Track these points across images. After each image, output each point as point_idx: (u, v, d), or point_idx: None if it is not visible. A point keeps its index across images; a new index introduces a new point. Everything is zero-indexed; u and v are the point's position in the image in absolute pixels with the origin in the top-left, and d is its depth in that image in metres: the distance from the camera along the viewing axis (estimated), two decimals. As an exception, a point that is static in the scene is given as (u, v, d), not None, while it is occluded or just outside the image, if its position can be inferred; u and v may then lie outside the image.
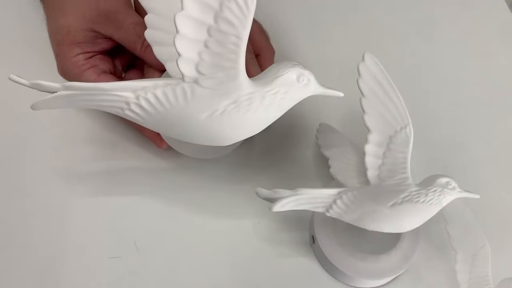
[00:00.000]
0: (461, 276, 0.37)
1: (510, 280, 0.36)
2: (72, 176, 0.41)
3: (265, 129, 0.33)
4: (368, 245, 0.38)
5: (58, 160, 0.42)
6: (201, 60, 0.29)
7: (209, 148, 0.36)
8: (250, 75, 0.32)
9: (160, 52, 0.34)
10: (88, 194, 0.40)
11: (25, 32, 0.46)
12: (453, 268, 0.39)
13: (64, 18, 0.38)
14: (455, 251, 0.38)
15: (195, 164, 0.42)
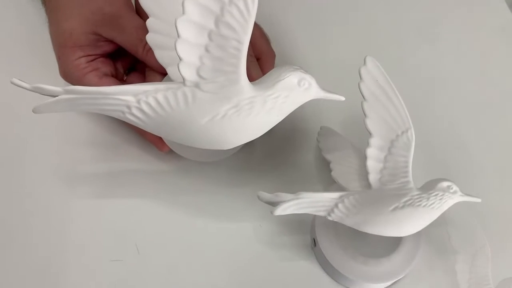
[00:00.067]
0: (461, 276, 0.37)
1: (510, 280, 0.36)
2: (74, 179, 0.41)
3: (266, 132, 0.33)
4: (369, 249, 0.38)
5: (60, 162, 0.42)
6: (202, 65, 0.29)
7: (210, 152, 0.35)
8: (251, 78, 0.32)
9: (161, 56, 0.34)
10: (90, 196, 0.40)
11: (27, 35, 0.46)
12: (454, 272, 0.39)
13: (67, 21, 0.38)
14: (455, 251, 0.38)
15: (196, 167, 0.42)
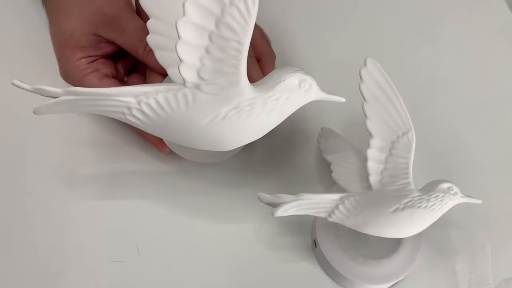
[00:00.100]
0: (461, 276, 0.37)
1: (510, 280, 0.36)
2: (74, 179, 0.41)
3: (266, 133, 0.33)
4: (370, 250, 0.38)
5: (60, 163, 0.42)
6: (203, 66, 0.29)
7: (211, 153, 0.36)
8: (251, 79, 0.32)
9: (162, 57, 0.34)
10: (90, 197, 0.40)
11: (27, 36, 0.46)
12: (454, 272, 0.39)
13: (67, 22, 0.38)
14: (455, 251, 0.38)
15: (197, 168, 0.42)
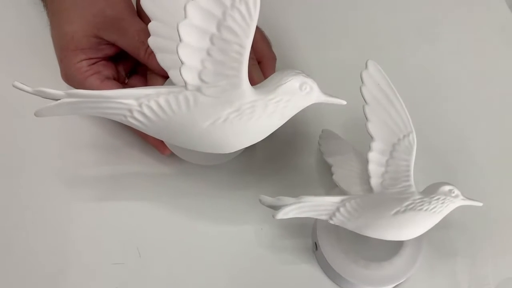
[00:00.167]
0: (461, 277, 0.37)
1: (510, 280, 0.36)
2: (76, 182, 0.41)
3: (267, 135, 0.33)
4: (371, 252, 0.38)
5: (62, 165, 0.42)
6: (204, 68, 0.29)
7: (212, 155, 0.35)
8: (253, 82, 0.32)
9: (163, 59, 0.34)
10: (91, 199, 0.40)
11: (28, 38, 0.46)
12: (455, 275, 0.39)
13: (69, 24, 0.38)
14: (455, 252, 0.38)
15: (198, 170, 0.42)
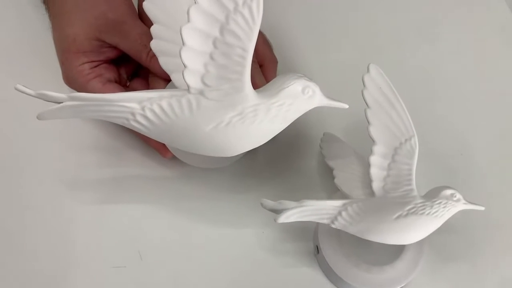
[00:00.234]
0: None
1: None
2: (77, 184, 0.41)
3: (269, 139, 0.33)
4: (372, 256, 0.38)
5: (63, 168, 0.42)
6: (207, 72, 0.29)
7: (214, 158, 0.35)
8: (255, 85, 0.32)
9: (165, 63, 0.34)
10: (93, 202, 0.40)
11: (30, 41, 0.46)
12: (456, 279, 0.39)
13: (70, 27, 0.38)
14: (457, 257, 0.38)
15: (199, 173, 0.42)
